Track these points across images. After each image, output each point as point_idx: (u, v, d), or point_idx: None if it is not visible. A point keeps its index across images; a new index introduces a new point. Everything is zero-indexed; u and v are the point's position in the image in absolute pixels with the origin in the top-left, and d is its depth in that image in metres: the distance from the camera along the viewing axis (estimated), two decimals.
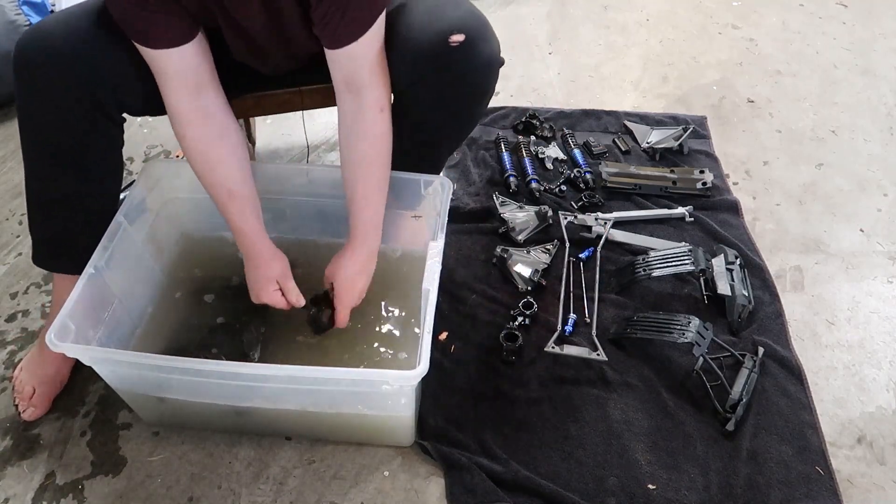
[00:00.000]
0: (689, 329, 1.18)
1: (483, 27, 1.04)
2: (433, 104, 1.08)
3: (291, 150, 1.75)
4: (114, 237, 1.10)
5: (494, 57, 1.06)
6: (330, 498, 1.07)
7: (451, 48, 1.00)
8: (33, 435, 1.16)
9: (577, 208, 1.53)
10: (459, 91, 1.06)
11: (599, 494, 1.06)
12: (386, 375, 0.94)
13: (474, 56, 1.02)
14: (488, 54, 1.04)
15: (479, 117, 1.19)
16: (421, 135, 1.16)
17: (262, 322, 1.23)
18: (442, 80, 1.04)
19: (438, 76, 1.03)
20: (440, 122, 1.14)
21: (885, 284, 1.41)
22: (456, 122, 1.16)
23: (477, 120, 1.19)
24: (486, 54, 1.04)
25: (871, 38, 2.17)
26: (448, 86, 1.05)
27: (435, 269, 1.06)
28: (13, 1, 1.74)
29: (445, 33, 1.00)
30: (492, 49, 1.05)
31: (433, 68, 1.02)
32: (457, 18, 1.02)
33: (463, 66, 1.02)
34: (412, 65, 1.02)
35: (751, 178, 1.66)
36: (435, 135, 1.18)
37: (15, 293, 1.39)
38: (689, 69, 2.04)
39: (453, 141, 1.25)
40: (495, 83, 1.10)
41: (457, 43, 1.00)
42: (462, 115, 1.14)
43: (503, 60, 1.08)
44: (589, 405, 1.18)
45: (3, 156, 1.73)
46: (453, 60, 1.01)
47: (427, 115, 1.11)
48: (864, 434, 1.17)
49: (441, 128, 1.16)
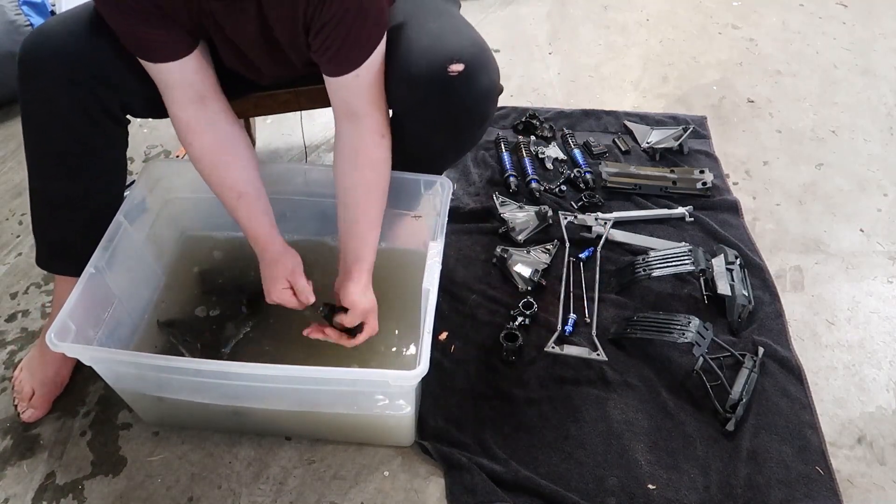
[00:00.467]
0: (689, 329, 1.18)
1: (483, 56, 1.03)
2: (431, 128, 1.08)
3: (291, 150, 1.75)
4: (114, 237, 1.10)
5: (493, 86, 1.05)
6: (330, 498, 1.07)
7: (450, 77, 0.99)
8: (33, 435, 1.16)
9: (577, 208, 1.53)
10: (457, 118, 1.06)
11: (599, 494, 1.07)
12: (386, 375, 0.94)
13: (472, 86, 1.01)
14: (487, 84, 1.03)
15: (478, 139, 1.18)
16: (418, 153, 1.16)
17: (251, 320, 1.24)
18: (440, 107, 1.03)
19: (437, 103, 1.02)
20: (438, 145, 1.14)
21: (885, 284, 1.41)
22: (454, 145, 1.16)
23: (476, 142, 1.18)
24: (484, 84, 1.03)
25: (871, 38, 2.17)
26: (446, 112, 1.04)
27: (435, 269, 1.07)
28: (13, 1, 1.74)
29: (445, 62, 0.99)
30: (490, 79, 1.04)
31: (431, 95, 1.01)
32: (457, 47, 1.00)
33: (461, 95, 1.01)
34: (410, 90, 1.01)
35: (751, 178, 1.66)
36: (433, 154, 1.18)
37: (15, 293, 1.39)
38: (689, 69, 2.04)
39: (450, 160, 1.25)
40: (494, 110, 1.10)
41: (456, 73, 0.99)
42: (461, 138, 1.14)
43: (502, 89, 1.07)
44: (589, 405, 1.18)
45: (3, 156, 1.73)
46: (452, 89, 1.00)
47: (425, 138, 1.11)
48: (864, 434, 1.17)
49: (439, 149, 1.17)
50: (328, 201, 1.28)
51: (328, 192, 1.27)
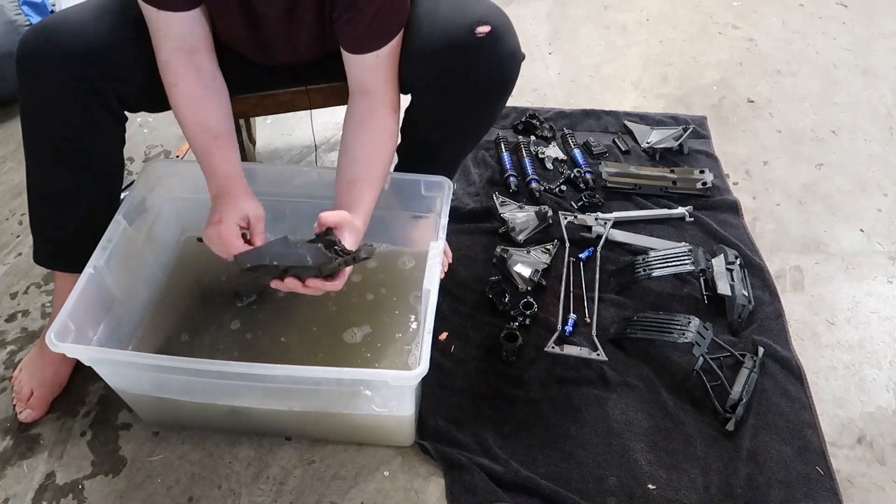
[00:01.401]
0: (689, 329, 1.18)
1: (506, 19, 1.06)
2: (455, 101, 1.09)
3: (291, 150, 1.75)
4: (114, 237, 1.10)
5: (517, 50, 1.07)
6: (330, 498, 1.07)
7: (478, 39, 1.01)
8: (33, 435, 1.16)
9: (577, 208, 1.53)
10: (484, 82, 1.07)
11: (599, 494, 1.06)
12: (386, 375, 0.94)
13: (500, 47, 1.04)
14: (512, 46, 1.05)
15: (499, 113, 1.19)
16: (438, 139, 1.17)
17: None
18: (467, 74, 1.05)
19: (463, 70, 1.04)
20: (460, 122, 1.15)
21: (885, 284, 1.41)
22: (477, 120, 1.17)
23: (496, 116, 1.18)
24: (510, 46, 1.05)
25: (871, 38, 2.17)
26: (471, 80, 1.06)
27: (435, 269, 1.06)
28: (13, 1, 1.74)
29: (472, 24, 1.01)
30: (515, 42, 1.06)
31: (458, 61, 1.03)
32: (482, 10, 1.03)
33: (489, 56, 1.03)
34: (440, 55, 1.03)
35: (751, 178, 1.66)
36: (454, 136, 1.19)
37: (15, 293, 1.39)
38: (689, 69, 2.04)
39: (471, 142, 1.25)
40: (516, 77, 1.10)
41: (483, 34, 1.01)
42: (485, 108, 1.14)
43: (524, 55, 1.09)
44: (589, 405, 1.18)
45: (3, 156, 1.73)
46: (480, 51, 1.02)
47: (447, 116, 1.12)
48: (864, 434, 1.17)
49: (461, 129, 1.17)
50: (328, 202, 1.28)
51: (328, 194, 1.26)
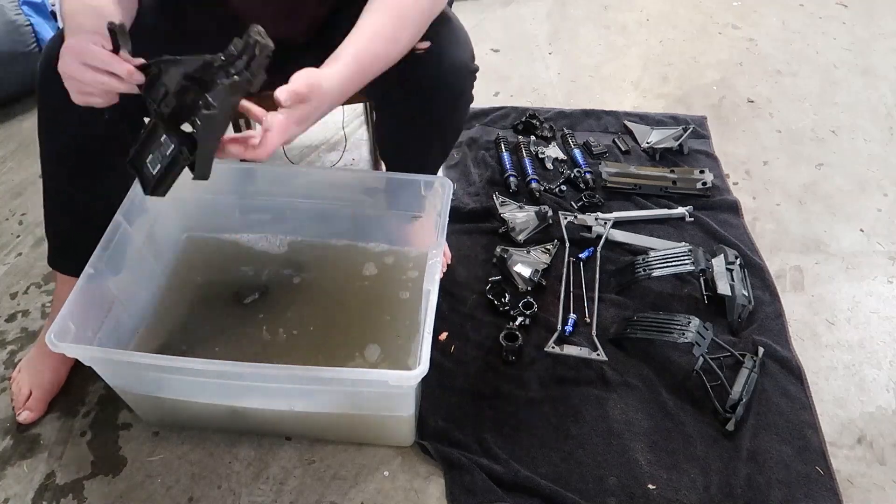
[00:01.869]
0: (689, 329, 1.18)
1: (452, 33, 1.00)
2: (410, 118, 1.04)
3: (291, 150, 1.75)
4: (113, 237, 1.10)
5: (464, 63, 1.01)
6: (330, 498, 1.07)
7: (416, 56, 0.96)
8: (33, 435, 1.16)
9: (577, 208, 1.53)
10: (434, 93, 1.02)
11: (599, 494, 1.06)
12: (386, 375, 0.94)
13: (443, 60, 0.98)
14: (458, 58, 1.00)
15: (460, 124, 1.14)
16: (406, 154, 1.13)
17: None
18: (415, 91, 1.00)
19: (409, 86, 0.99)
20: (421, 136, 1.10)
21: (885, 284, 1.41)
22: (435, 132, 1.12)
23: (458, 127, 1.14)
24: (455, 58, 0.99)
25: (871, 38, 2.17)
26: (418, 96, 1.01)
27: (435, 269, 1.06)
28: (13, 1, 1.74)
29: None
30: (461, 55, 1.00)
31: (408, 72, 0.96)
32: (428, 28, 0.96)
33: (431, 73, 0.98)
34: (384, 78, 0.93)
35: (751, 178, 1.66)
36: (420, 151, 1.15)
37: (15, 293, 1.39)
38: (689, 69, 2.04)
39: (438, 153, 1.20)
40: (470, 88, 1.05)
41: (421, 50, 0.96)
42: (440, 122, 1.09)
43: (477, 68, 1.04)
44: (589, 405, 1.18)
45: (3, 156, 1.73)
46: (421, 67, 0.97)
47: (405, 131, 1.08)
48: (864, 434, 1.17)
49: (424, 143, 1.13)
50: (328, 203, 1.29)
51: (328, 194, 1.27)
